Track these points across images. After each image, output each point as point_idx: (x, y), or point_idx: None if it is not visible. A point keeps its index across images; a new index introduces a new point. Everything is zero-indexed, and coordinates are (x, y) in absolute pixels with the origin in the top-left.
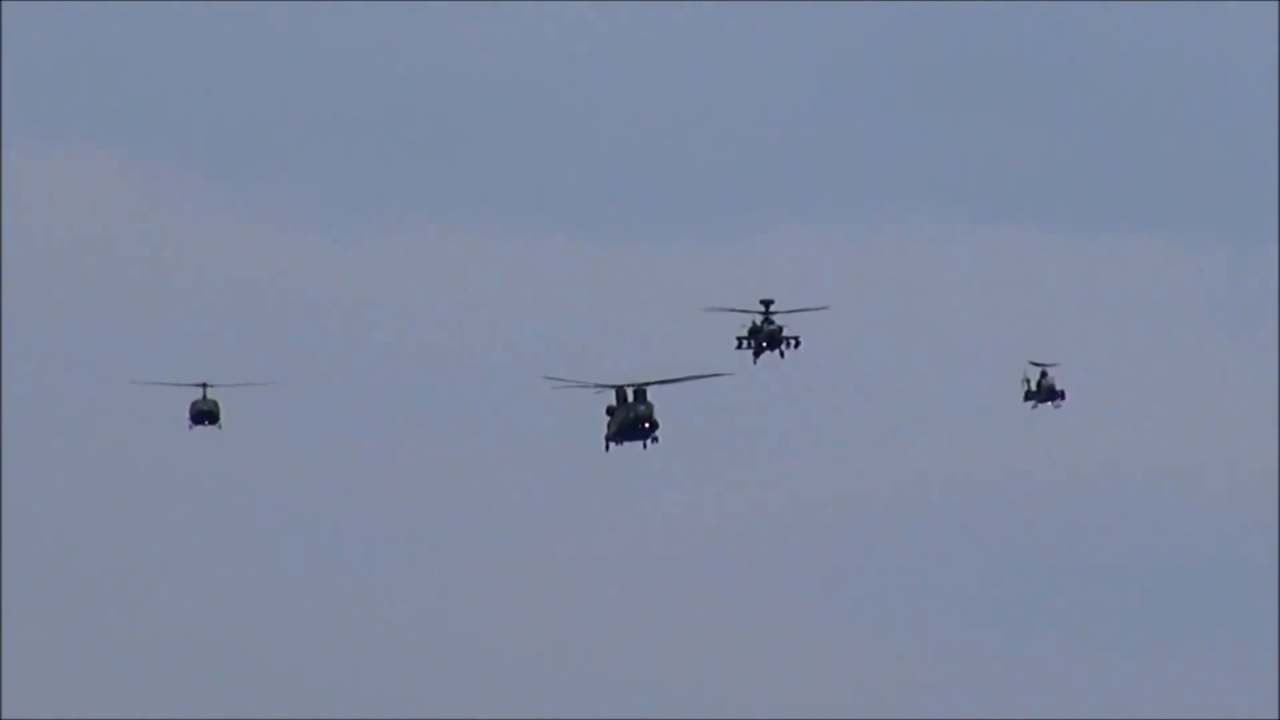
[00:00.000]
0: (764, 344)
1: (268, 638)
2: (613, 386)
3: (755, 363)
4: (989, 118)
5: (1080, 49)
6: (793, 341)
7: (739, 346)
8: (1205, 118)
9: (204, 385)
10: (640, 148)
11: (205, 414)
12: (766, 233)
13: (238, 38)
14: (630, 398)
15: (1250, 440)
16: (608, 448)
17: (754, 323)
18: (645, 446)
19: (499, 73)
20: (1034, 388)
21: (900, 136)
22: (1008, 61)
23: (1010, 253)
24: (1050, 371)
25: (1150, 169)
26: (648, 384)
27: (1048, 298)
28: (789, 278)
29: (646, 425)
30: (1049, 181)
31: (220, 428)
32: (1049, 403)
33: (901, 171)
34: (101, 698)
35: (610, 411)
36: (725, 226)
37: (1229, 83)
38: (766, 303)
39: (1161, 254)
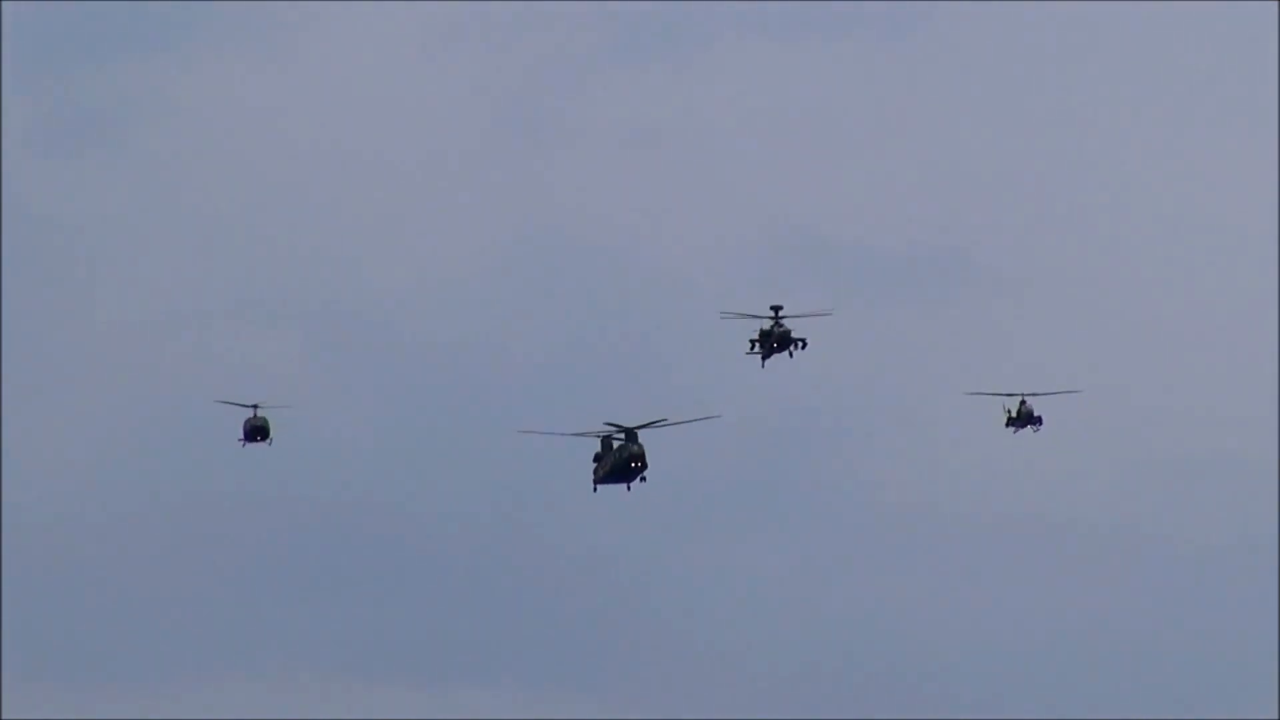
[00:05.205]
0: (774, 345)
1: (285, 638)
2: (599, 435)
3: (764, 366)
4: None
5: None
6: (801, 343)
7: (751, 350)
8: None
9: (255, 405)
10: None
11: (257, 430)
12: None
13: None
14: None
15: None
16: (595, 489)
17: (762, 328)
18: (629, 488)
19: None
20: (1014, 415)
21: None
22: None
23: None
24: (1028, 400)
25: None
26: (637, 428)
27: None
28: None
29: (637, 464)
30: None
31: (270, 443)
32: (1028, 427)
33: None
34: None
35: (598, 458)
36: None
37: None
38: (776, 308)
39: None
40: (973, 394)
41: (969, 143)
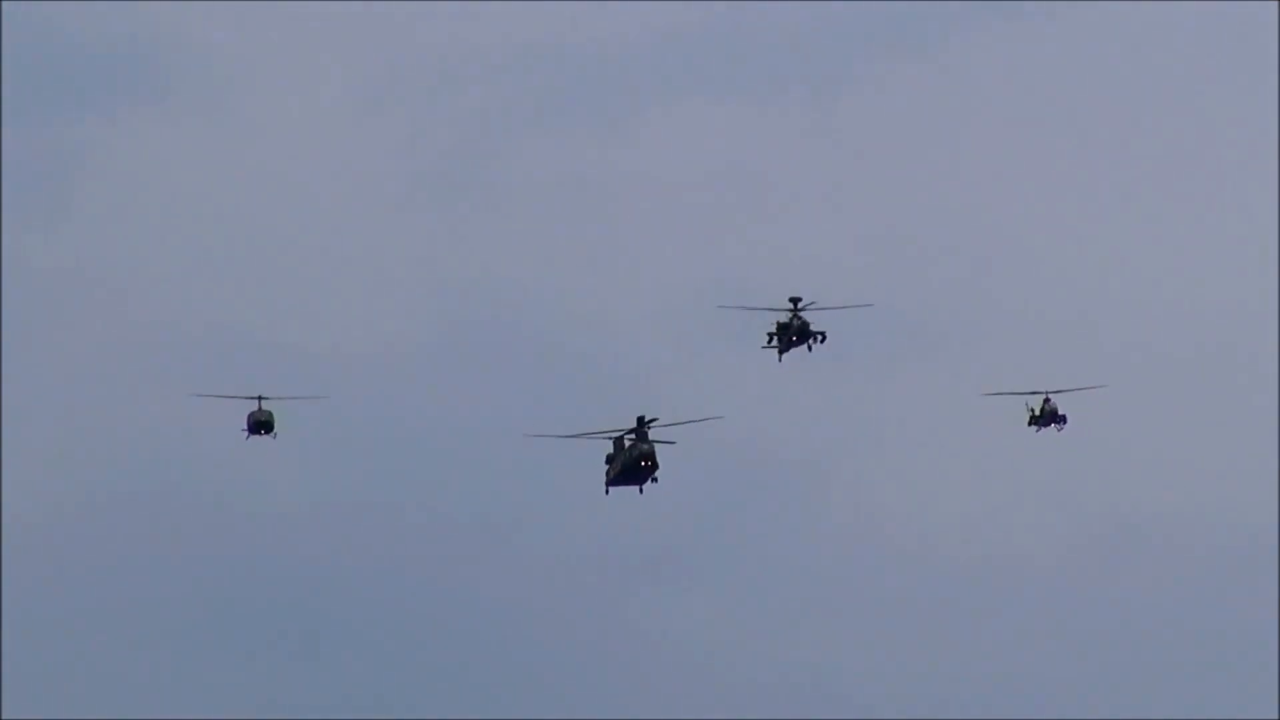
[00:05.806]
0: (793, 339)
1: (286, 639)
2: (610, 436)
3: (780, 360)
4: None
5: None
6: (820, 336)
7: (768, 343)
8: None
9: (259, 398)
10: None
11: (261, 424)
12: None
13: None
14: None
15: None
16: (608, 491)
17: (780, 320)
18: (641, 491)
19: None
20: (1038, 413)
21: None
22: None
23: None
24: (1052, 397)
25: None
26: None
27: None
28: None
29: (648, 464)
30: None
31: (275, 437)
32: (1051, 425)
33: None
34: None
35: (609, 459)
36: None
37: None
38: (795, 300)
39: None
40: (991, 395)
41: (904, 201)
